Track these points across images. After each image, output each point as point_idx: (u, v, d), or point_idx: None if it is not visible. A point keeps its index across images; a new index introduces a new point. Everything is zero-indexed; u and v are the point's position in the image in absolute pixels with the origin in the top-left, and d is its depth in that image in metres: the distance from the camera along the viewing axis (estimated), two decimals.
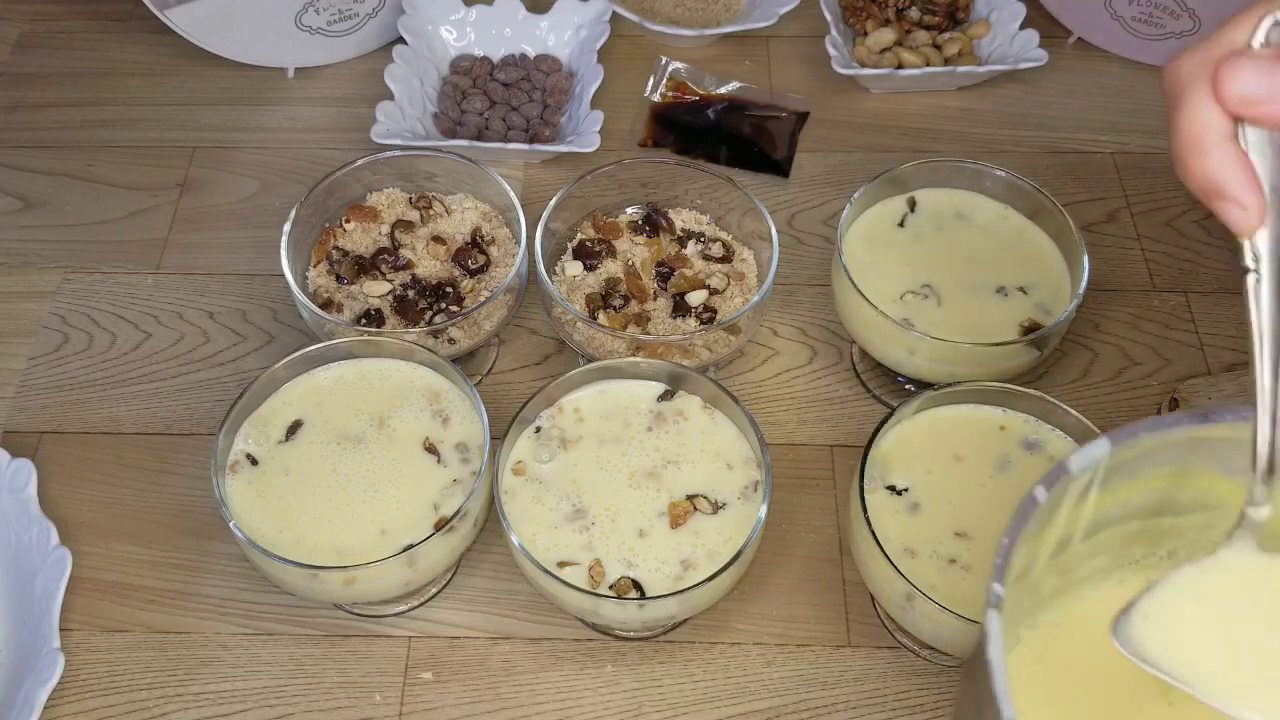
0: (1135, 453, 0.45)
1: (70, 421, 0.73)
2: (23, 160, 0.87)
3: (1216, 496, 0.48)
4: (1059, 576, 0.49)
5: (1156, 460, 0.46)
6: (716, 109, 0.89)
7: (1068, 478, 0.44)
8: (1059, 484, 0.44)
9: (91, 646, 0.64)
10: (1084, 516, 0.47)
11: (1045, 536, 0.46)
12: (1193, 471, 0.47)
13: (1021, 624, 0.49)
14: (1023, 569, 0.46)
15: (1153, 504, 0.48)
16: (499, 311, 0.70)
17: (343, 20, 0.91)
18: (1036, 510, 0.43)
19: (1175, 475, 0.47)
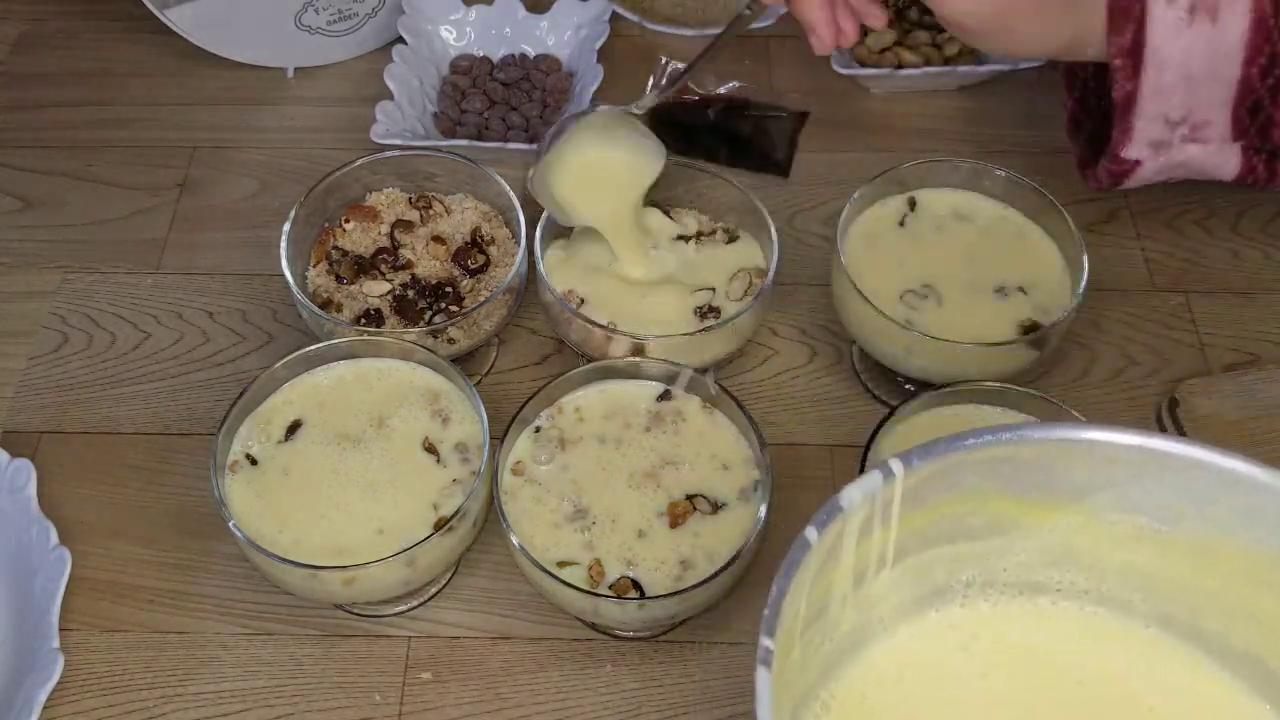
0: (916, 480, 0.44)
1: (70, 421, 0.73)
2: (22, 160, 0.87)
3: (1009, 519, 0.48)
4: (859, 613, 0.48)
5: (940, 487, 0.46)
6: (716, 109, 0.89)
7: (842, 515, 0.43)
8: (833, 522, 0.43)
9: (91, 646, 0.64)
10: (874, 549, 0.46)
11: (834, 575, 0.45)
12: (981, 495, 0.47)
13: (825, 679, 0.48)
14: (814, 613, 0.45)
15: (948, 531, 0.48)
16: (499, 311, 0.70)
17: (342, 20, 0.91)
18: (810, 553, 0.42)
19: (963, 500, 0.47)
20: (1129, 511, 0.47)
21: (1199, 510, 0.46)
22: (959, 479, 0.46)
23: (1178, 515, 0.46)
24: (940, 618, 0.50)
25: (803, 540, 0.42)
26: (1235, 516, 0.45)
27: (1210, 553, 0.47)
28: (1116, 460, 0.45)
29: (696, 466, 0.63)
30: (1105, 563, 0.49)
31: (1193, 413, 0.70)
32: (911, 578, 0.49)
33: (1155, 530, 0.47)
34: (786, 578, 0.42)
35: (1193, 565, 0.47)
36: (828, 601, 0.46)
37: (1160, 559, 0.48)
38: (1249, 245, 0.81)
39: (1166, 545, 0.47)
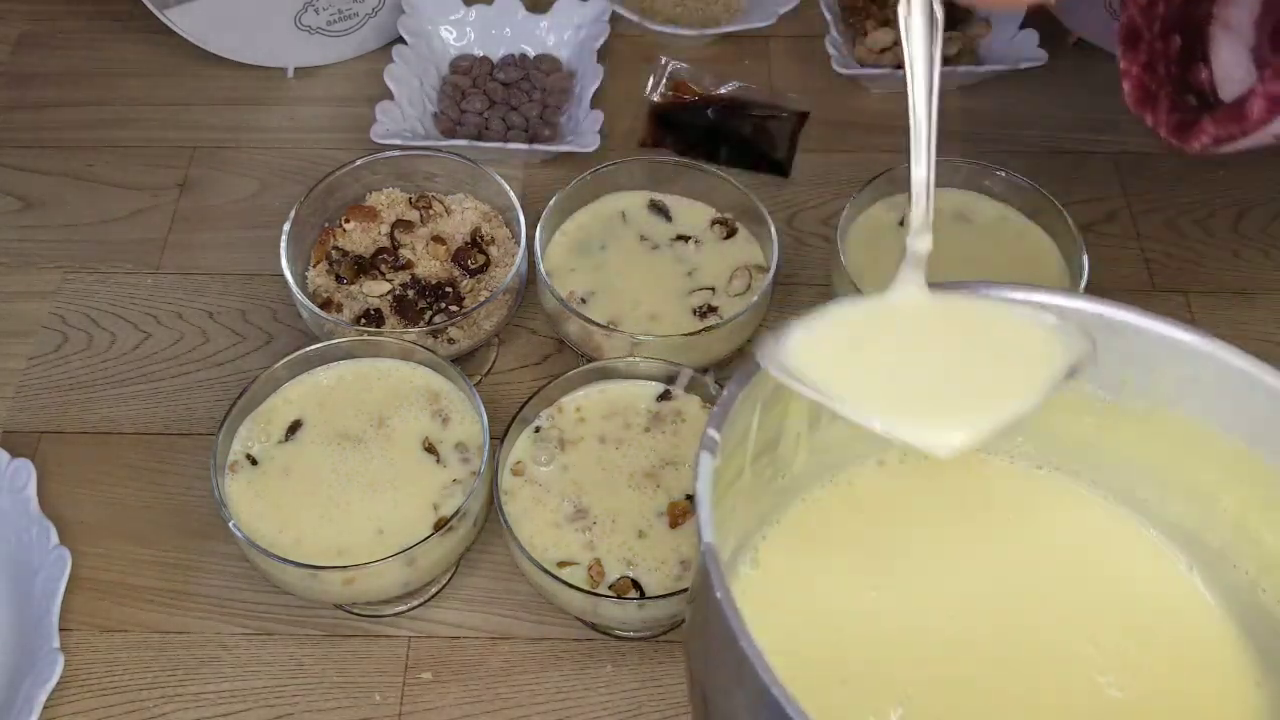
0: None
1: (70, 421, 0.73)
2: (22, 160, 0.87)
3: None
4: (813, 456, 0.49)
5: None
6: (716, 109, 0.89)
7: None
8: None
9: (91, 646, 0.64)
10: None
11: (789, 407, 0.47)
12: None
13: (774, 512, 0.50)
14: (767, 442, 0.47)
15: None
16: (499, 311, 0.70)
17: (342, 20, 0.91)
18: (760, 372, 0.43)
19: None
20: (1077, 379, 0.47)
21: (1142, 379, 0.47)
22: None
23: (1121, 384, 0.48)
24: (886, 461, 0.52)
25: (753, 361, 0.44)
26: (1175, 387, 0.46)
27: (1151, 423, 0.48)
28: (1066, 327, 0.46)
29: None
30: (1051, 432, 0.50)
31: None
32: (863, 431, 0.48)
33: (1101, 399, 0.48)
34: (737, 385, 0.43)
35: (1135, 436, 0.49)
36: (781, 434, 0.47)
37: (1105, 430, 0.49)
38: (1249, 245, 0.81)
39: (1111, 414, 0.49)
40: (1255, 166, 0.85)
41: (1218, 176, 0.85)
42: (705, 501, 0.41)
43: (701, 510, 0.41)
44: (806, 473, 0.50)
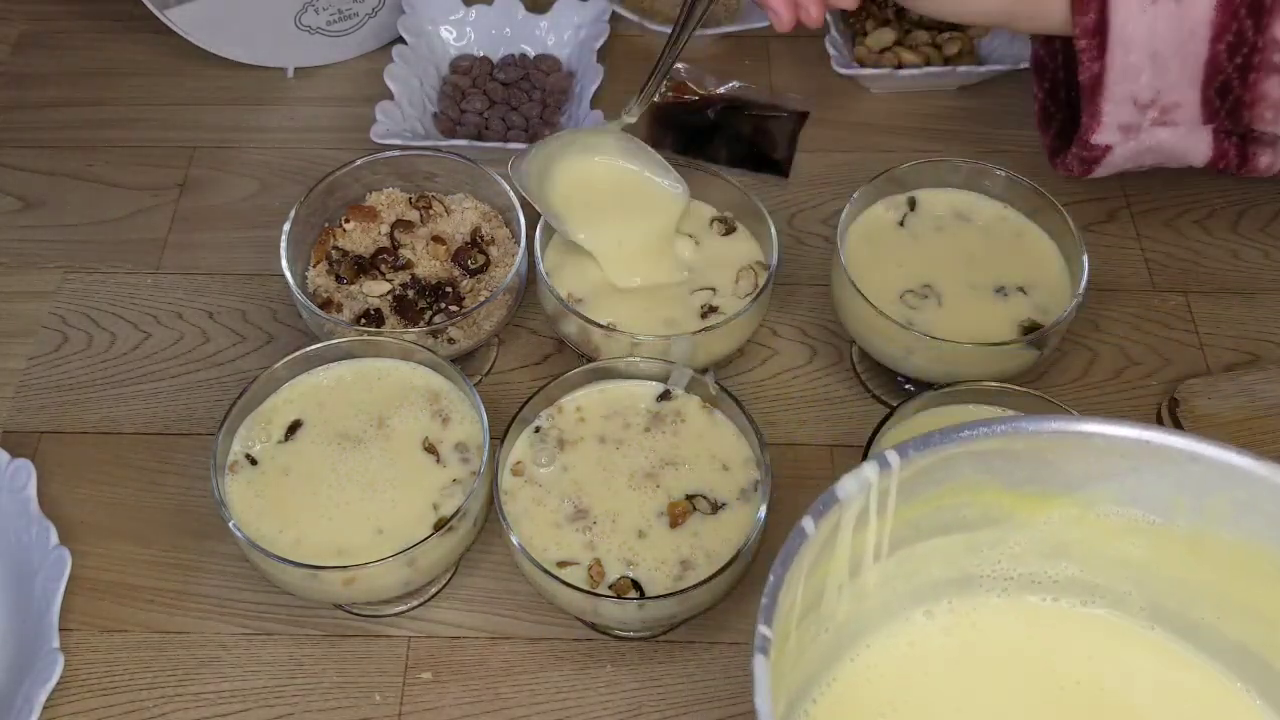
0: (911, 472, 0.45)
1: (70, 421, 0.73)
2: (22, 160, 0.87)
3: (1003, 511, 0.48)
4: (855, 603, 0.48)
5: (935, 479, 0.46)
6: (716, 109, 0.89)
7: (838, 506, 0.44)
8: (829, 513, 0.43)
9: (91, 646, 0.64)
10: (869, 540, 0.47)
11: (830, 566, 0.46)
12: (975, 487, 0.47)
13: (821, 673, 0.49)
14: (810, 603, 0.46)
15: (942, 523, 0.48)
16: (498, 311, 0.70)
17: (342, 20, 0.91)
18: (806, 543, 0.42)
19: (957, 492, 0.47)
20: (1124, 504, 0.47)
21: (1194, 503, 0.46)
22: (954, 471, 0.46)
23: (1173, 508, 0.46)
24: (935, 614, 0.51)
25: (800, 530, 0.43)
26: (1230, 509, 0.45)
27: (1204, 545, 0.47)
28: (1112, 452, 0.45)
29: (696, 466, 0.63)
30: (1100, 555, 0.49)
31: (1193, 413, 0.70)
32: (907, 569, 0.49)
33: (1150, 522, 0.47)
34: (783, 567, 0.42)
35: (1187, 558, 0.47)
36: (824, 591, 0.46)
37: (1155, 551, 0.48)
38: (1249, 245, 0.81)
39: (1161, 537, 0.47)
40: None
41: (1218, 177, 0.85)
42: (766, 716, 0.38)
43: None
44: (852, 625, 0.49)
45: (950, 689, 0.49)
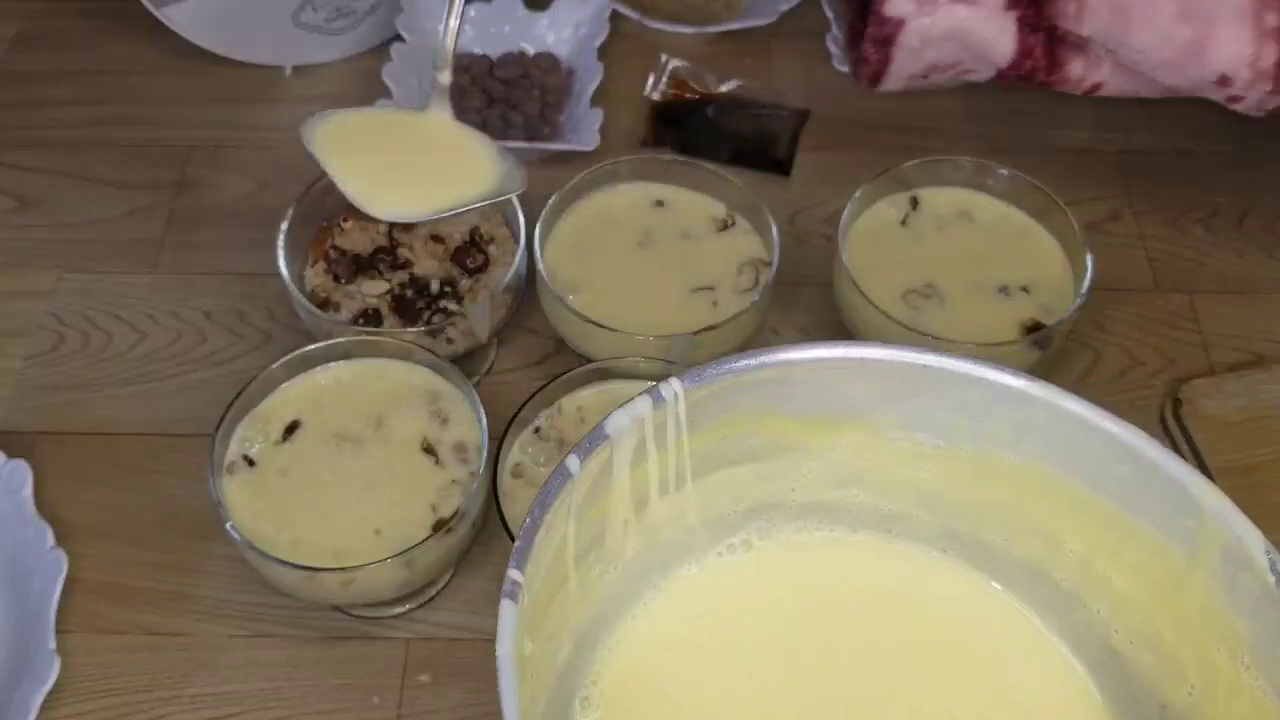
0: (690, 404, 0.45)
1: (66, 422, 0.72)
2: (18, 159, 0.86)
3: (791, 440, 0.48)
4: (645, 538, 0.48)
5: (716, 409, 0.46)
6: (716, 107, 0.89)
7: (608, 441, 0.44)
8: (597, 449, 0.43)
9: (88, 648, 0.64)
10: (653, 474, 0.46)
11: (608, 502, 0.46)
12: (760, 416, 0.47)
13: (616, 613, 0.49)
14: (590, 540, 0.45)
15: (731, 454, 0.48)
16: (498, 311, 0.70)
17: (340, 18, 0.91)
18: (571, 481, 0.42)
19: (742, 422, 0.47)
20: (908, 429, 0.48)
21: (974, 425, 0.47)
22: (735, 401, 0.46)
23: (954, 431, 0.47)
24: (735, 547, 0.51)
25: (562, 469, 0.42)
26: (1008, 430, 0.46)
27: (988, 467, 0.48)
28: (891, 378, 0.46)
29: None
30: (890, 480, 0.50)
31: (1197, 413, 0.70)
32: (698, 502, 0.49)
33: (935, 446, 0.48)
34: (541, 509, 0.42)
35: (972, 479, 0.48)
36: (605, 528, 0.46)
37: (941, 475, 0.49)
38: (1252, 245, 0.81)
39: (946, 461, 0.48)
40: (1259, 166, 0.85)
41: (1222, 176, 0.85)
42: (509, 670, 0.38)
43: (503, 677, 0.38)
44: (643, 560, 0.49)
45: (748, 622, 0.50)
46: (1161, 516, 0.44)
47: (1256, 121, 0.77)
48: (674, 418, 0.45)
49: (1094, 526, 0.47)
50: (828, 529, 0.52)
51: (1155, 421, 0.72)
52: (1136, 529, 0.45)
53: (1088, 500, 0.46)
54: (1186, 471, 0.44)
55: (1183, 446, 0.70)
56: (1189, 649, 0.45)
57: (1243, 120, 0.77)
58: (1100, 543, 0.47)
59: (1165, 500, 0.44)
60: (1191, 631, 0.45)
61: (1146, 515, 0.45)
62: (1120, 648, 0.47)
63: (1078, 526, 0.47)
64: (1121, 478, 0.45)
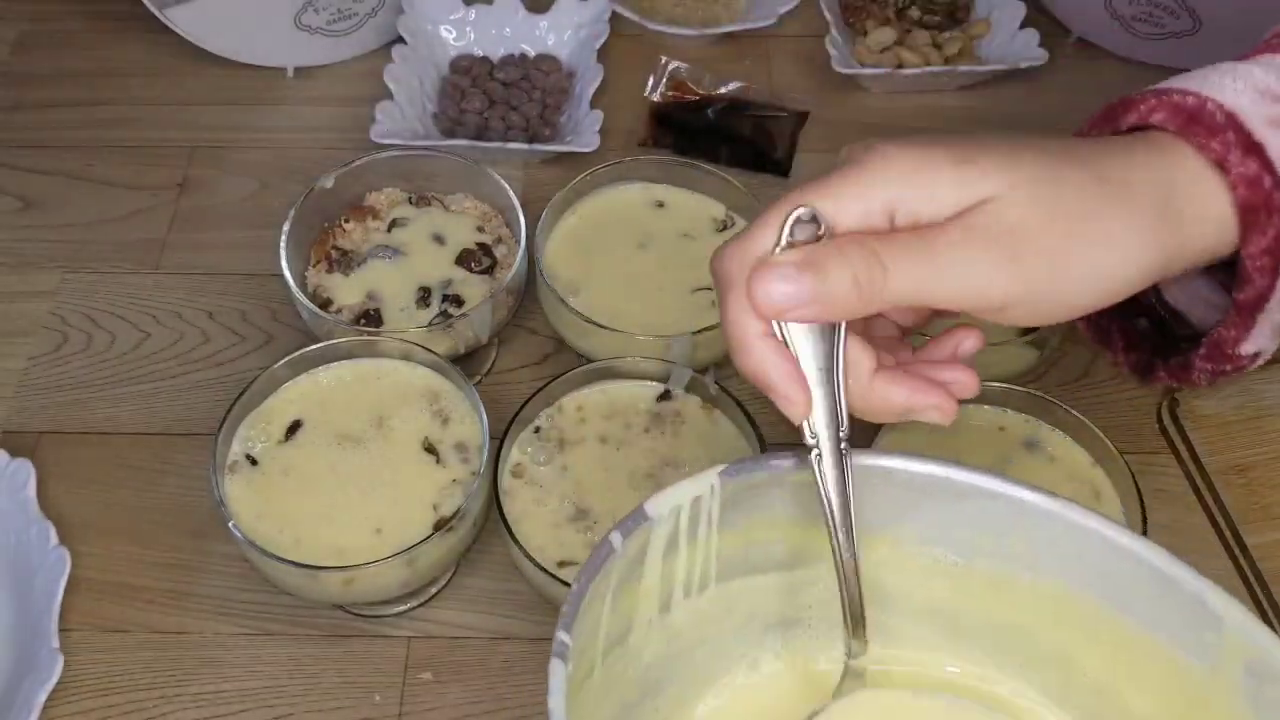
0: (724, 498, 0.44)
1: (69, 421, 0.73)
2: (22, 160, 0.87)
3: (812, 549, 0.46)
4: (664, 643, 0.46)
5: (748, 508, 0.45)
6: (716, 109, 0.89)
7: (648, 524, 0.42)
8: (638, 530, 0.42)
9: (91, 646, 0.64)
10: (680, 571, 0.45)
11: (638, 593, 0.44)
12: (789, 522, 0.46)
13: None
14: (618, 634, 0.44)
15: (755, 561, 0.47)
16: (499, 311, 0.70)
17: (342, 20, 0.91)
18: (613, 558, 0.41)
19: (771, 526, 0.46)
20: (928, 543, 0.46)
21: (994, 543, 0.45)
22: (764, 501, 0.45)
23: (974, 548, 0.46)
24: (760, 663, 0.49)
25: (606, 544, 0.41)
26: (1026, 546, 0.45)
27: (1003, 586, 0.46)
28: (912, 487, 0.45)
29: (696, 467, 0.63)
30: (907, 602, 0.48)
31: (1193, 413, 0.70)
32: (720, 608, 0.47)
33: (953, 563, 0.47)
34: (588, 577, 0.40)
35: (989, 598, 0.47)
36: (632, 623, 0.45)
37: (960, 593, 0.47)
38: None
39: (964, 577, 0.47)
40: None
41: None
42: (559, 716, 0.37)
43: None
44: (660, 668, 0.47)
45: None
46: (1180, 631, 0.43)
47: None
48: (707, 512, 0.44)
49: (1110, 646, 0.45)
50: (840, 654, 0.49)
51: (1152, 421, 0.72)
52: (1155, 645, 0.44)
53: (1105, 617, 0.45)
54: (1205, 586, 0.42)
55: (1180, 446, 0.70)
56: None
57: None
58: (1117, 662, 0.46)
59: (1185, 615, 0.43)
60: None
61: (1164, 630, 0.44)
62: None
63: (1094, 648, 0.46)
64: (1139, 595, 0.44)
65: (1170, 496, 0.69)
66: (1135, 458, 0.63)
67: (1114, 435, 0.62)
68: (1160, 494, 0.69)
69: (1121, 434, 0.67)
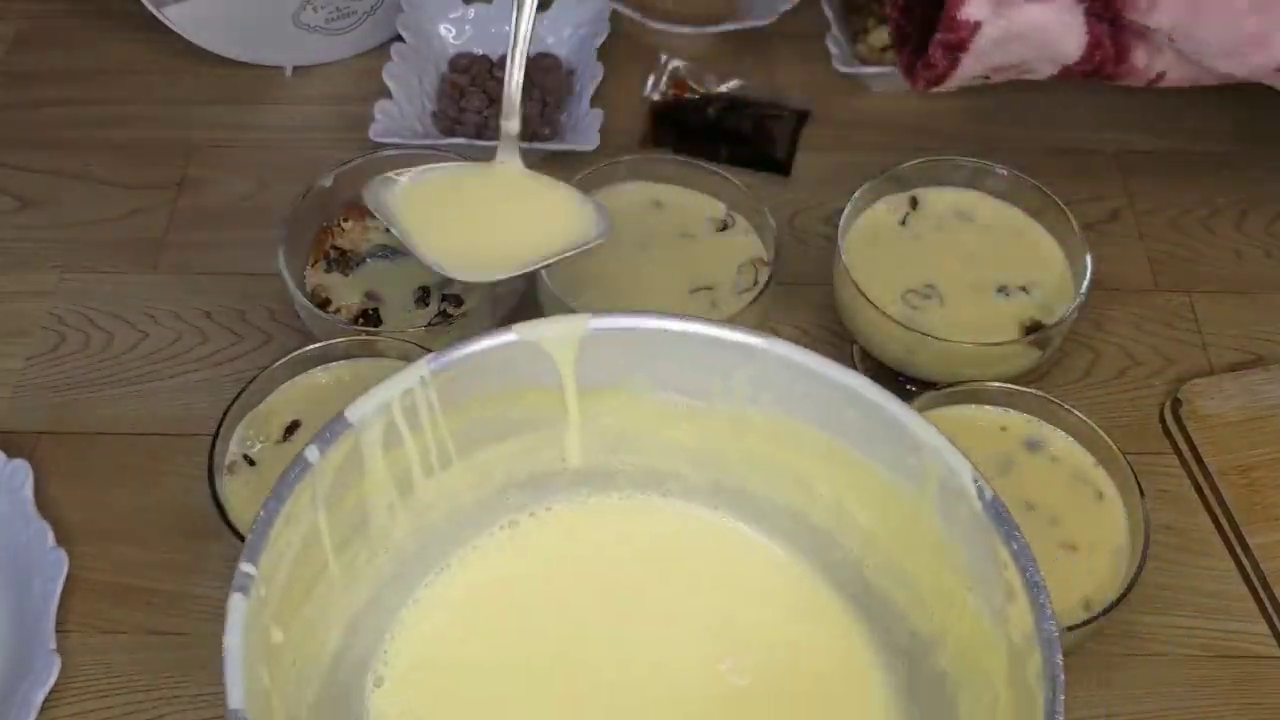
0: (439, 386, 0.46)
1: (67, 422, 0.73)
2: (19, 159, 0.86)
3: (550, 408, 0.50)
4: (415, 518, 0.49)
5: (469, 388, 0.47)
6: (716, 107, 0.89)
7: (351, 429, 0.44)
8: (340, 438, 0.44)
9: (89, 648, 0.64)
10: (414, 455, 0.47)
11: (365, 487, 0.46)
12: (515, 391, 0.49)
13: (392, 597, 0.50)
14: (350, 527, 0.46)
15: (495, 430, 0.50)
16: (498, 312, 0.70)
17: (341, 18, 0.91)
18: (310, 471, 0.43)
19: (501, 398, 0.48)
20: (666, 390, 0.50)
21: (723, 383, 0.49)
22: (488, 379, 0.48)
23: (707, 389, 0.50)
24: (512, 524, 0.53)
25: (300, 459, 0.43)
26: (749, 385, 0.49)
27: (741, 422, 0.50)
28: (635, 344, 0.48)
29: None
30: (656, 441, 0.52)
31: (1196, 413, 0.70)
32: (470, 479, 0.50)
33: (691, 405, 0.50)
34: (277, 499, 0.42)
35: (730, 435, 0.51)
36: (368, 513, 0.47)
37: (703, 432, 0.51)
38: (1252, 245, 0.81)
39: (705, 418, 0.51)
40: (1258, 166, 0.85)
41: (1221, 176, 0.85)
42: (235, 660, 0.40)
43: (229, 667, 0.40)
44: (417, 541, 0.50)
45: (529, 595, 0.52)
46: (890, 456, 0.48)
47: (1256, 121, 0.77)
48: (425, 399, 0.46)
49: (837, 470, 0.50)
50: (601, 494, 0.54)
51: (1155, 421, 0.72)
52: (872, 470, 0.48)
53: (828, 446, 0.49)
54: (905, 411, 0.47)
55: (1182, 446, 0.70)
56: (927, 578, 0.48)
57: (1242, 120, 0.77)
58: (844, 485, 0.50)
59: (890, 440, 0.47)
60: (926, 561, 0.48)
61: (878, 456, 0.48)
62: (873, 581, 0.51)
63: (823, 471, 0.50)
64: (851, 421, 0.48)
65: (1172, 497, 0.69)
66: (1137, 458, 0.63)
67: (1116, 435, 0.62)
68: (1162, 494, 0.68)
69: (1124, 434, 0.67)
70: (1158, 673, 0.63)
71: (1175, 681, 0.63)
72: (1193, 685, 0.63)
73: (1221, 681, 0.63)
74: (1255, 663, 0.63)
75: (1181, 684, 0.63)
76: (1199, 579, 0.66)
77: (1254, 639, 0.64)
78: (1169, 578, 0.66)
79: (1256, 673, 0.63)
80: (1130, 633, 0.64)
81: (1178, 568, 0.66)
